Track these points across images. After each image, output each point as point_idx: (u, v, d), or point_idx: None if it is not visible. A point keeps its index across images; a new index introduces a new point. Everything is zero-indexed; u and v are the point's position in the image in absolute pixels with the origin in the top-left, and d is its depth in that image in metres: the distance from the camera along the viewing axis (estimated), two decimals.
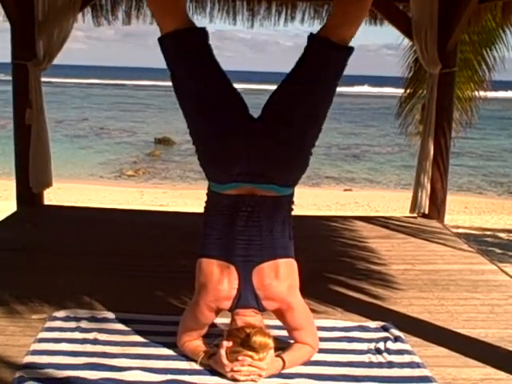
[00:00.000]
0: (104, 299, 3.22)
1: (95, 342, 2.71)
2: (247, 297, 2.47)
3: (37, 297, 3.22)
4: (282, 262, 2.55)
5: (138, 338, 2.77)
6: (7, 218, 5.08)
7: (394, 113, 7.28)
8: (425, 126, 5.33)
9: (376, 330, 2.94)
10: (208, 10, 5.88)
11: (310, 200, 11.82)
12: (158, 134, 23.42)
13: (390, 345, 2.74)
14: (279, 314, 2.57)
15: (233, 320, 2.52)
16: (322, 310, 3.20)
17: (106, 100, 41.80)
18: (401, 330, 2.90)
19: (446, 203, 5.60)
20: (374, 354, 2.67)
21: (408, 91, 6.93)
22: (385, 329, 2.93)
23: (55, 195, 10.13)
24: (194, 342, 2.60)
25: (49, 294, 3.26)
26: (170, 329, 2.84)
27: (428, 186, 5.36)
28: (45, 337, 2.75)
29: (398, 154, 19.06)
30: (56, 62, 5.37)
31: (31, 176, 5.27)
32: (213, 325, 2.67)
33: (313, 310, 3.15)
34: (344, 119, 33.93)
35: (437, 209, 5.45)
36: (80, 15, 5.55)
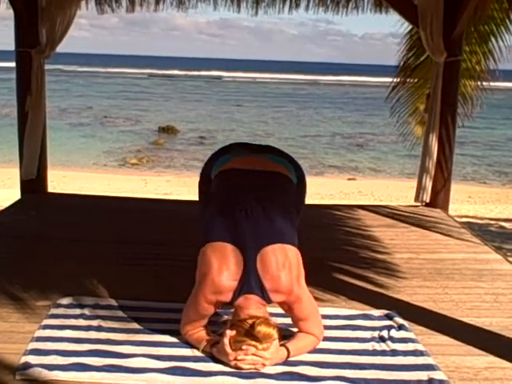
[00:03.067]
0: (108, 286, 3.23)
1: (99, 328, 2.72)
2: (251, 285, 2.45)
3: (41, 284, 3.23)
4: (288, 248, 2.55)
5: (143, 325, 2.77)
6: (11, 206, 5.09)
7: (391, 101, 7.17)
8: (430, 115, 5.29)
9: (380, 318, 2.94)
10: None
11: (313, 189, 11.80)
12: (161, 122, 23.38)
13: (394, 333, 2.74)
14: (285, 305, 2.56)
15: (236, 313, 2.50)
16: (326, 298, 3.20)
17: (110, 88, 41.81)
18: (405, 318, 2.89)
19: (451, 192, 5.58)
20: (377, 342, 2.67)
21: (399, 79, 6.84)
22: (389, 317, 2.93)
23: (59, 183, 10.19)
24: (197, 331, 2.60)
25: (53, 282, 3.27)
26: (174, 316, 2.83)
27: (432, 176, 5.34)
28: (49, 323, 2.76)
29: (402, 143, 18.96)
30: (60, 49, 5.37)
31: (24, 163, 5.28)
32: (216, 314, 2.67)
33: (317, 299, 3.15)
34: (348, 108, 33.97)
35: (441, 198, 5.43)
36: (83, 2, 5.58)
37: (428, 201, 5.42)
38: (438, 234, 4.63)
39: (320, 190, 11.59)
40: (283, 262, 2.48)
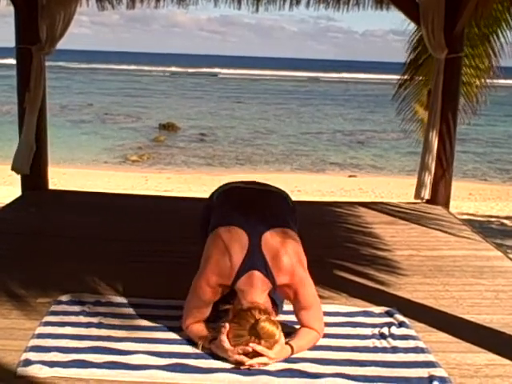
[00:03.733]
0: (109, 283, 3.23)
1: (100, 325, 2.72)
2: (255, 263, 2.48)
3: (41, 281, 3.23)
4: (292, 233, 2.65)
5: (143, 322, 2.78)
6: (12, 203, 5.10)
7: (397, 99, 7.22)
8: (430, 112, 5.29)
9: (380, 315, 2.94)
10: None
11: (314, 186, 11.85)
12: (162, 119, 23.40)
13: (395, 330, 2.74)
14: (290, 290, 2.56)
15: (238, 301, 2.50)
16: (327, 295, 3.20)
17: (111, 85, 41.82)
18: (405, 315, 2.89)
19: (451, 189, 5.57)
20: (378, 339, 2.68)
21: (406, 76, 6.87)
22: (389, 314, 2.93)
23: (60, 180, 10.18)
24: (198, 325, 2.61)
25: (53, 279, 3.27)
26: (175, 313, 2.85)
27: (433, 173, 5.34)
28: (50, 320, 2.76)
29: (403, 140, 18.96)
30: (60, 46, 5.37)
31: (18, 157, 5.27)
32: (216, 308, 2.68)
33: (318, 296, 3.16)
34: (349, 105, 33.96)
35: (442, 195, 5.43)
36: None
37: (428, 198, 5.42)
38: (438, 231, 4.62)
39: (321, 187, 11.62)
40: (287, 244, 2.56)
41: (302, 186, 11.68)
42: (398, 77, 6.98)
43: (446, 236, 4.51)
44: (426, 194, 5.39)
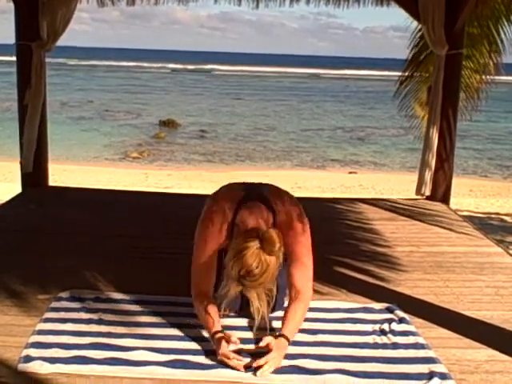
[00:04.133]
0: (108, 280, 3.24)
1: (100, 322, 2.72)
2: (255, 195, 2.63)
3: (41, 278, 3.24)
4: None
5: (143, 319, 2.78)
6: (12, 199, 5.11)
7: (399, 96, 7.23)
8: (431, 108, 5.29)
9: (380, 311, 2.94)
10: None
11: (314, 182, 11.85)
12: (162, 116, 23.38)
13: (395, 326, 2.74)
14: (288, 237, 2.55)
15: (236, 234, 2.50)
16: (327, 291, 3.20)
17: (111, 82, 41.83)
18: (405, 311, 2.90)
19: (452, 186, 5.57)
20: (378, 335, 2.68)
21: (407, 73, 6.87)
22: (389, 310, 2.93)
23: (60, 177, 10.19)
24: (207, 308, 2.56)
25: (53, 276, 3.28)
26: (175, 309, 2.88)
27: (433, 169, 5.34)
28: (50, 317, 2.76)
29: (403, 136, 18.98)
30: (61, 43, 5.36)
31: (23, 157, 5.30)
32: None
33: (317, 292, 3.17)
34: (349, 102, 33.95)
35: (442, 191, 5.43)
36: None
37: (428, 194, 5.41)
38: (439, 228, 4.62)
39: (321, 184, 11.62)
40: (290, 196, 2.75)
41: (303, 183, 11.68)
42: (398, 73, 6.98)
43: (446, 232, 4.50)
44: (427, 190, 5.39)
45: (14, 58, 5.37)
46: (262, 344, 2.42)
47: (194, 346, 2.53)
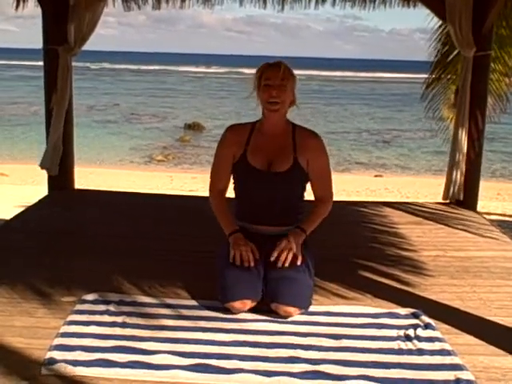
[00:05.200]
0: (133, 283, 3.24)
1: (124, 325, 2.73)
2: None
3: (67, 280, 3.25)
4: None
5: (167, 322, 2.78)
6: (38, 202, 5.15)
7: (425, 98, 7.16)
8: (458, 110, 5.21)
9: (406, 316, 2.90)
10: None
11: (339, 186, 11.69)
12: (187, 119, 23.52)
13: (420, 332, 2.70)
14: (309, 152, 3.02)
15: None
16: (352, 296, 3.17)
17: (137, 85, 42.28)
18: (431, 317, 2.85)
19: (479, 189, 5.47)
20: (403, 340, 2.64)
21: (434, 76, 6.78)
22: (415, 316, 2.89)
23: (87, 180, 10.28)
24: (221, 203, 3.15)
25: (78, 278, 3.30)
26: (198, 313, 2.87)
27: (462, 172, 5.25)
28: (74, 319, 2.77)
29: (430, 139, 18.79)
30: (87, 47, 5.43)
31: (47, 158, 5.32)
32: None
33: (342, 296, 3.16)
34: (375, 104, 33.74)
35: (469, 195, 5.34)
36: (110, 0, 5.53)
37: (459, 198, 5.32)
38: (465, 232, 4.55)
39: (346, 187, 11.50)
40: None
41: None
42: (425, 75, 6.89)
43: (473, 236, 4.43)
44: (456, 194, 5.30)
45: (41, 63, 5.41)
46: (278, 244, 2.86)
47: (217, 350, 2.51)
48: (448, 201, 5.40)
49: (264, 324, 2.78)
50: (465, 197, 5.34)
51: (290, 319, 2.82)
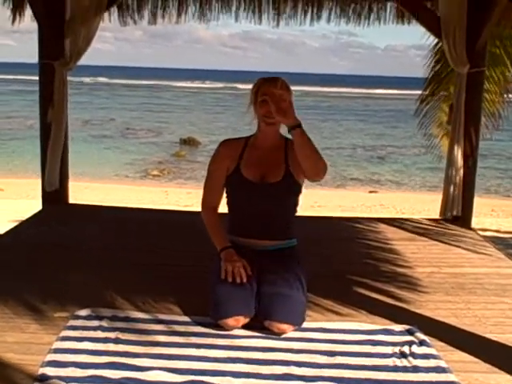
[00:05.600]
0: (126, 298, 3.22)
1: (117, 341, 2.70)
2: None
3: (59, 295, 3.23)
4: None
5: (160, 338, 2.75)
6: (32, 217, 5.13)
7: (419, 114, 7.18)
8: (453, 127, 5.21)
9: (401, 333, 2.88)
10: (234, 9, 5.82)
11: (334, 201, 11.79)
12: (183, 134, 23.55)
13: (415, 349, 2.68)
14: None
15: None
16: (346, 312, 3.16)
17: (133, 100, 42.33)
18: (426, 333, 2.83)
19: (473, 206, 5.47)
20: (398, 357, 2.62)
21: (427, 91, 6.82)
22: (410, 332, 2.87)
23: (81, 194, 10.25)
24: (213, 219, 3.15)
25: (71, 292, 3.28)
26: (191, 329, 2.85)
27: (459, 188, 5.23)
28: (67, 335, 2.75)
29: (424, 155, 18.80)
30: (83, 61, 5.42)
31: (46, 174, 5.34)
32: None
33: (337, 312, 3.15)
34: (370, 120, 33.90)
35: (464, 211, 5.33)
36: (106, 14, 5.56)
37: (458, 214, 5.29)
38: (460, 248, 4.53)
39: (341, 203, 11.55)
40: None
41: (322, 202, 11.62)
42: (419, 92, 6.93)
43: (467, 253, 4.41)
44: (456, 210, 5.28)
45: (36, 77, 5.40)
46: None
47: (210, 366, 2.49)
48: (445, 217, 5.36)
49: (257, 340, 2.76)
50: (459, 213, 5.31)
51: (283, 336, 2.80)
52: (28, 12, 5.34)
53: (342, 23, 5.91)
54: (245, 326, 2.84)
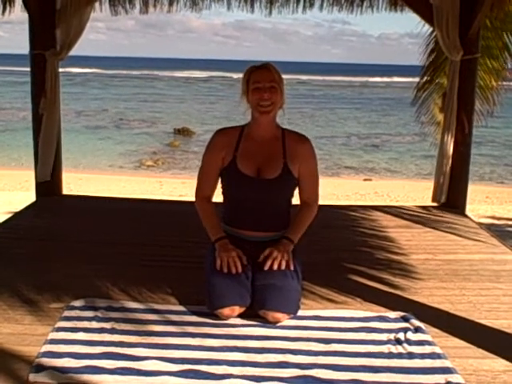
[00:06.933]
0: (121, 289, 3.23)
1: (112, 331, 2.70)
2: None
3: (54, 286, 3.23)
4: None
5: (156, 328, 2.76)
6: (26, 208, 5.12)
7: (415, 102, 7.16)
8: (446, 114, 5.22)
9: (396, 320, 2.89)
10: None
11: (328, 190, 11.75)
12: (177, 124, 23.45)
13: (410, 335, 2.69)
14: (299, 155, 3.03)
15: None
16: (341, 300, 3.17)
17: (126, 91, 42.15)
18: (421, 320, 2.85)
19: (468, 193, 5.49)
20: (393, 344, 2.63)
21: (424, 79, 6.80)
22: (405, 319, 2.88)
23: (76, 185, 10.24)
24: (208, 209, 3.12)
25: (66, 284, 3.27)
26: (187, 319, 2.85)
27: (449, 176, 5.26)
28: (62, 326, 2.74)
29: (419, 143, 18.86)
30: (76, 52, 5.42)
31: (38, 165, 5.34)
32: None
33: (331, 300, 3.15)
34: (365, 108, 33.80)
35: (458, 198, 5.36)
36: (97, 4, 5.55)
37: (445, 201, 5.34)
38: (454, 235, 4.54)
39: (336, 191, 11.54)
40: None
41: None
42: (414, 79, 6.91)
43: (462, 240, 4.43)
44: (443, 197, 5.32)
45: (28, 68, 5.36)
46: (264, 253, 2.88)
47: (206, 355, 2.49)
48: (437, 204, 5.41)
49: (253, 329, 2.76)
50: (453, 200, 5.34)
51: (278, 324, 2.80)
52: (18, 2, 5.29)
53: (334, 11, 5.89)
54: (240, 315, 2.84)
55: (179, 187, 12.01)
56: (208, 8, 5.88)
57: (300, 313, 2.92)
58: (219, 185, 3.17)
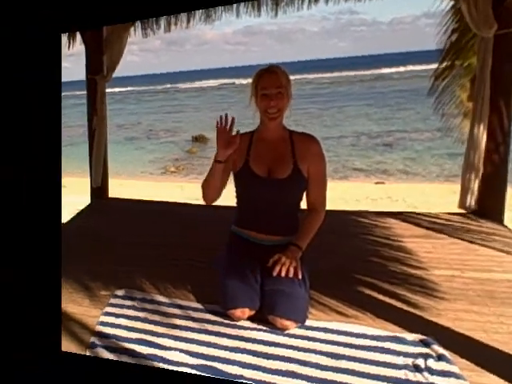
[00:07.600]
0: (152, 283, 3.36)
1: (145, 320, 2.89)
2: None
3: (104, 277, 3.49)
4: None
5: (178, 322, 2.85)
6: (84, 209, 5.49)
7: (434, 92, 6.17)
8: (476, 102, 4.26)
9: (414, 343, 2.54)
10: (234, 5, 5.77)
11: (337, 194, 11.05)
12: (194, 132, 23.91)
13: (432, 363, 2.33)
14: (307, 157, 2.90)
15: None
16: (351, 313, 2.85)
17: (154, 104, 44.76)
18: (445, 347, 2.40)
19: (506, 197, 4.42)
20: (411, 371, 2.31)
21: (444, 64, 5.35)
22: (425, 343, 2.53)
23: (118, 190, 10.20)
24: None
25: (113, 275, 3.51)
26: (205, 316, 2.91)
27: (481, 176, 4.35)
28: (109, 311, 3.03)
29: (440, 140, 16.69)
30: (116, 74, 5.89)
31: (92, 173, 5.83)
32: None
33: (341, 313, 2.86)
34: (376, 104, 31.22)
35: (493, 204, 4.39)
36: (132, 28, 5.91)
37: (476, 208, 4.45)
38: (488, 248, 3.75)
39: (344, 196, 10.80)
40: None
41: None
42: (433, 66, 5.95)
43: (498, 255, 3.61)
44: (473, 202, 4.43)
45: (84, 92, 5.87)
46: (273, 258, 2.73)
47: (221, 354, 2.50)
48: (465, 211, 4.51)
49: (262, 333, 2.68)
50: (487, 206, 4.42)
51: (287, 332, 2.66)
52: (79, 37, 5.73)
53: (341, 2, 5.32)
54: (250, 318, 2.77)
55: (197, 191, 11.67)
56: (219, 18, 5.94)
57: (308, 323, 2.73)
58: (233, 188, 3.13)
